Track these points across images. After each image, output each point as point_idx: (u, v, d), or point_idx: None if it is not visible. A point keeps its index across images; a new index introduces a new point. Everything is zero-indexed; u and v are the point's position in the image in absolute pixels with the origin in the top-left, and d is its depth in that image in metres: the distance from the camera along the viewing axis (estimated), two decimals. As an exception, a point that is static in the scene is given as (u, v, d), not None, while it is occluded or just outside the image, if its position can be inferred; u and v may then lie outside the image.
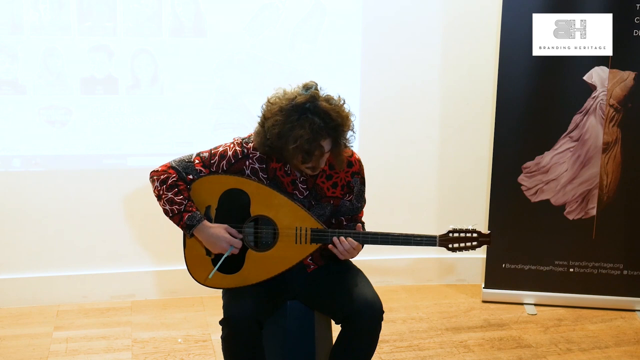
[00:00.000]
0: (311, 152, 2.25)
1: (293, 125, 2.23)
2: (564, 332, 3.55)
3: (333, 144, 2.31)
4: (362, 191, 2.54)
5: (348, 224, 2.52)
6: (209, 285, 2.47)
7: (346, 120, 2.29)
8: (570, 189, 3.78)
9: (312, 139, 2.22)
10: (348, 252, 2.39)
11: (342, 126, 2.28)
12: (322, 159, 2.32)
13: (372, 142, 3.96)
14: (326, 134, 2.25)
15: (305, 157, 2.26)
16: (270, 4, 3.76)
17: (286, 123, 2.24)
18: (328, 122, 2.24)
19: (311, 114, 2.24)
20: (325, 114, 2.24)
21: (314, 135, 2.22)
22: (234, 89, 3.78)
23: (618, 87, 3.67)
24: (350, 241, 2.37)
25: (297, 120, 2.23)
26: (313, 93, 2.28)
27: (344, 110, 2.31)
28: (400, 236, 2.39)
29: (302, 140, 2.21)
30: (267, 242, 2.42)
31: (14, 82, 3.56)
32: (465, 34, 4.00)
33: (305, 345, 2.56)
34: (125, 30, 3.62)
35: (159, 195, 2.40)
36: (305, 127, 2.22)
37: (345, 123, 2.29)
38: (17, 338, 3.35)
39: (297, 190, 2.45)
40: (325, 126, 2.24)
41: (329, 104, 2.27)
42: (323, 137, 2.25)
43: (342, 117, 2.28)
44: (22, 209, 3.68)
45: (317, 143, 2.24)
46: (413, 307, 3.85)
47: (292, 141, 2.23)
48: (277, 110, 2.27)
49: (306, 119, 2.23)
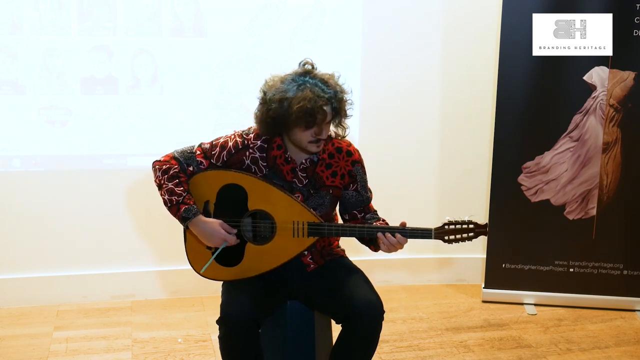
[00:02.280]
0: (314, 113, 2.30)
1: (294, 91, 2.32)
2: (564, 332, 3.55)
3: (334, 112, 2.37)
4: (366, 180, 2.56)
5: (365, 218, 2.54)
6: (210, 277, 2.50)
7: (343, 90, 2.39)
8: (570, 189, 3.78)
9: (315, 99, 2.29)
10: (395, 245, 2.39)
11: (340, 92, 2.37)
12: (324, 128, 2.37)
13: (372, 142, 3.95)
14: (326, 99, 2.32)
15: (309, 120, 2.31)
16: (270, 4, 3.76)
17: (288, 90, 2.34)
18: (326, 88, 2.34)
19: (310, 81, 2.34)
20: (323, 81, 2.35)
21: (315, 96, 2.30)
22: (234, 89, 3.79)
23: (618, 87, 3.67)
24: (398, 237, 2.38)
25: (298, 87, 2.33)
26: (309, 67, 2.40)
27: (340, 82, 2.41)
28: (396, 229, 2.39)
29: (304, 101, 2.29)
30: (266, 235, 2.45)
31: (14, 82, 3.56)
32: (465, 34, 4.00)
33: (305, 345, 2.56)
34: (125, 30, 3.62)
35: (160, 185, 2.43)
36: (307, 90, 2.31)
37: (342, 90, 2.39)
38: (17, 338, 3.35)
39: (297, 178, 2.47)
40: (325, 91, 2.32)
41: (325, 75, 2.39)
42: (324, 101, 2.32)
43: (339, 86, 2.39)
44: (22, 209, 3.68)
45: (319, 105, 2.30)
46: (413, 307, 3.85)
47: (295, 102, 2.30)
48: (277, 82, 2.38)
49: (306, 84, 2.33)
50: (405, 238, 2.38)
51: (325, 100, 2.32)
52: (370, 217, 2.54)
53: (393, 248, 2.40)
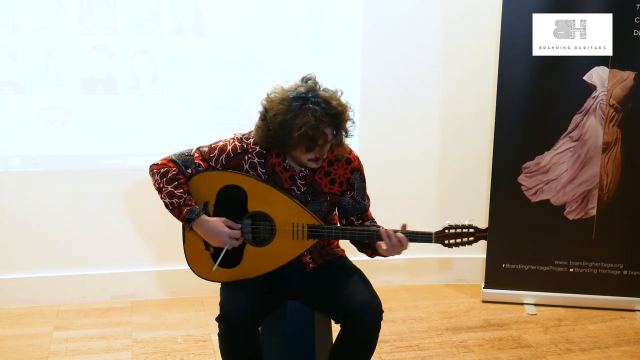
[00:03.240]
0: (315, 139, 2.28)
1: (296, 113, 2.27)
2: (564, 332, 3.55)
3: (335, 132, 2.34)
4: (364, 188, 2.55)
5: (363, 225, 2.52)
6: (209, 279, 2.49)
7: (345, 109, 2.34)
8: (570, 189, 3.78)
9: (316, 125, 2.26)
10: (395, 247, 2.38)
11: (342, 114, 2.33)
12: (325, 148, 2.35)
13: (372, 142, 3.95)
14: (328, 122, 2.29)
15: (310, 144, 2.29)
16: (270, 4, 3.76)
17: (289, 112, 2.28)
18: (329, 109, 2.29)
19: (312, 103, 2.29)
20: (326, 101, 2.30)
21: (317, 122, 2.26)
22: (234, 89, 3.78)
23: (618, 87, 3.67)
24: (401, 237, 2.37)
25: (299, 109, 2.28)
26: (312, 84, 2.34)
27: (342, 100, 2.36)
28: (396, 232, 2.39)
29: (306, 127, 2.25)
30: (265, 237, 2.44)
31: (14, 82, 3.56)
32: (465, 34, 4.00)
33: (305, 345, 2.56)
34: (125, 30, 3.62)
35: (159, 188, 2.42)
36: (308, 114, 2.26)
37: (344, 111, 2.34)
38: (17, 338, 3.35)
39: (295, 185, 2.46)
40: (327, 113, 2.28)
41: (327, 93, 2.34)
42: (325, 125, 2.28)
43: (341, 105, 2.33)
44: (22, 209, 3.68)
45: (320, 130, 2.27)
46: (413, 307, 3.85)
47: (296, 129, 2.26)
48: (278, 101, 2.32)
49: (308, 107, 2.28)
50: (407, 239, 2.38)
51: (327, 123, 2.29)
52: (370, 225, 2.53)
53: (394, 250, 2.39)
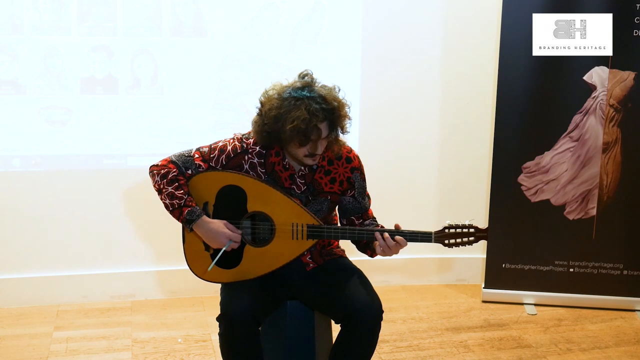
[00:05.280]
0: (308, 133, 2.27)
1: (290, 107, 2.28)
2: (564, 332, 3.55)
3: (330, 128, 2.33)
4: (364, 187, 2.55)
5: (364, 224, 2.53)
6: (208, 279, 2.49)
7: (342, 105, 2.34)
8: (570, 189, 3.78)
9: (309, 119, 2.25)
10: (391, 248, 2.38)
11: (338, 109, 2.32)
12: (320, 144, 2.34)
13: (372, 142, 3.96)
14: (323, 117, 2.28)
15: (303, 139, 2.28)
16: (270, 4, 3.76)
17: (283, 106, 2.29)
18: (324, 105, 2.29)
19: (307, 98, 2.29)
20: (321, 97, 2.30)
21: (310, 116, 2.25)
22: (234, 89, 3.79)
23: (618, 87, 3.67)
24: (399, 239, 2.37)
25: (294, 103, 2.28)
26: (309, 80, 2.35)
27: (339, 96, 2.35)
28: (396, 232, 2.39)
29: (298, 121, 2.24)
30: (265, 237, 2.44)
31: (14, 82, 3.56)
32: (465, 34, 4.00)
33: (305, 345, 2.56)
34: (125, 30, 3.62)
35: (160, 190, 2.41)
36: (302, 108, 2.26)
37: (341, 107, 2.33)
38: (17, 338, 3.35)
39: (295, 185, 2.46)
40: (322, 109, 2.28)
41: (324, 89, 2.33)
42: (320, 120, 2.28)
43: (338, 101, 2.32)
44: (22, 209, 3.68)
45: (313, 124, 2.27)
46: (413, 307, 3.85)
47: (289, 122, 2.26)
48: (274, 96, 2.33)
49: (302, 102, 2.28)
50: (405, 240, 2.38)
51: (321, 118, 2.28)
52: (370, 224, 2.54)
53: (389, 251, 2.39)
